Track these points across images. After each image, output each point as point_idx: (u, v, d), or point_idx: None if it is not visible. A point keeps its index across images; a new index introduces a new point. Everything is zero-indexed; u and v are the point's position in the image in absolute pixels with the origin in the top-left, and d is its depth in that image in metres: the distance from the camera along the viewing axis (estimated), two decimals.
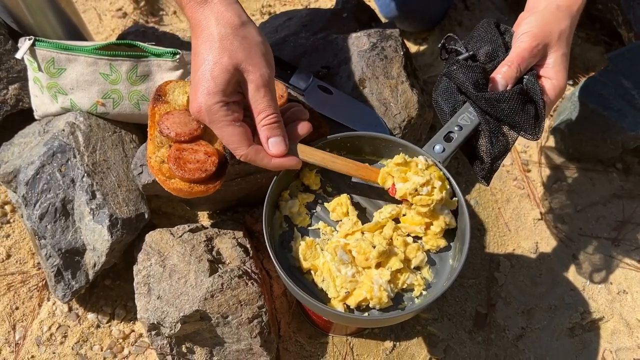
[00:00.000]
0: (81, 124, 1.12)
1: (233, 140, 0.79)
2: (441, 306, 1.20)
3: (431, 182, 0.84)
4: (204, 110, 0.77)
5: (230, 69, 0.76)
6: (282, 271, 0.79)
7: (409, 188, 0.83)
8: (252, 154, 0.80)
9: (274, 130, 0.80)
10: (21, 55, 1.09)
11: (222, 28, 0.76)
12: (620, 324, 1.20)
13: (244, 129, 0.79)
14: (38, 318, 1.13)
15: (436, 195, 0.84)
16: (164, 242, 1.05)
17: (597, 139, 1.33)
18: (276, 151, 0.81)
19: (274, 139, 0.80)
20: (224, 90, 0.76)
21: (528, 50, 0.86)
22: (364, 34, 1.21)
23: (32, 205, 1.05)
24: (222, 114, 0.77)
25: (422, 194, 0.83)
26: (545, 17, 0.89)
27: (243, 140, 0.79)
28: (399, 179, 0.85)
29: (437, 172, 0.85)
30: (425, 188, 0.83)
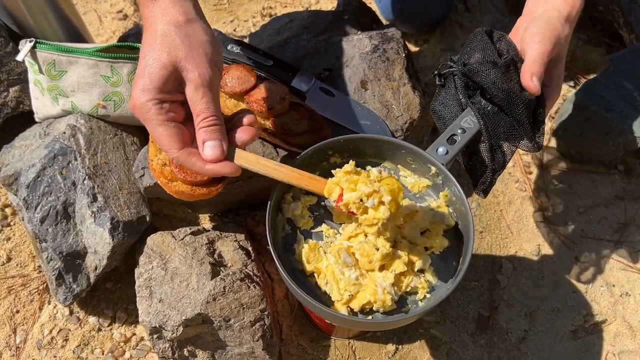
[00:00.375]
0: (82, 126, 1.12)
1: (163, 142, 0.74)
2: (443, 309, 1.19)
3: (379, 194, 0.77)
4: (137, 107, 0.73)
5: (168, 66, 0.72)
6: (285, 274, 0.79)
7: (353, 198, 0.77)
8: (183, 157, 0.75)
9: (211, 133, 0.75)
10: (22, 58, 1.08)
11: (166, 25, 0.73)
12: (623, 327, 1.20)
13: (178, 130, 0.75)
14: (39, 321, 1.12)
15: (382, 213, 0.77)
16: (166, 245, 1.04)
17: (599, 141, 1.32)
18: (211, 156, 0.75)
19: (210, 143, 0.75)
20: (160, 87, 0.72)
21: (547, 53, 0.85)
22: (365, 36, 1.21)
23: (33, 208, 1.05)
24: (154, 112, 0.73)
25: (368, 206, 0.77)
26: (552, 22, 0.88)
27: (174, 142, 0.74)
28: (348, 189, 0.78)
29: (390, 187, 0.78)
30: (371, 200, 0.77)
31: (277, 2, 1.66)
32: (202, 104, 0.74)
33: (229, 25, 1.60)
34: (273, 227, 0.88)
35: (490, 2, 1.69)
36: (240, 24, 1.61)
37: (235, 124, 0.80)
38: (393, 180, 0.79)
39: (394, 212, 0.78)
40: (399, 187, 0.79)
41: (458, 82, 0.91)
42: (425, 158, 0.88)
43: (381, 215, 0.77)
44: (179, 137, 0.75)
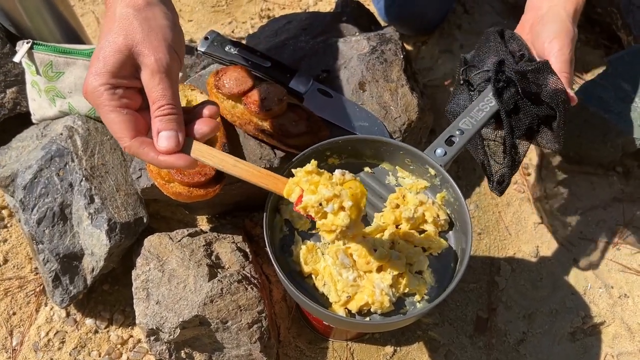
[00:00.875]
0: (79, 127, 1.12)
1: (114, 129, 0.69)
2: (442, 311, 1.19)
3: (340, 199, 0.71)
4: (88, 92, 0.69)
5: (123, 50, 0.68)
6: (283, 275, 0.79)
7: (312, 201, 0.71)
8: (135, 147, 0.70)
9: (166, 123, 0.70)
10: (19, 59, 1.08)
11: (124, 7, 0.69)
12: (621, 328, 1.19)
13: (132, 117, 0.70)
14: (35, 323, 1.12)
15: (342, 220, 0.71)
16: (163, 247, 1.04)
17: (597, 142, 1.32)
18: (165, 147, 0.70)
19: (165, 133, 0.70)
20: (113, 72, 0.68)
21: (569, 61, 0.88)
22: (363, 37, 1.21)
23: (30, 209, 1.05)
24: (106, 98, 0.68)
25: (327, 211, 0.71)
26: (566, 25, 0.89)
27: (126, 130, 0.69)
28: (309, 191, 0.73)
29: (353, 191, 0.72)
30: (331, 205, 0.71)
31: (275, 3, 1.66)
32: (158, 90, 0.70)
33: (227, 27, 1.60)
34: (271, 228, 0.87)
35: (489, 4, 1.69)
36: (238, 26, 1.61)
37: (196, 115, 0.75)
38: (356, 184, 0.74)
39: (355, 219, 0.72)
40: (362, 192, 0.74)
41: (484, 85, 0.91)
42: (423, 159, 0.88)
43: (340, 222, 0.71)
44: (132, 124, 0.70)
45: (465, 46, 1.60)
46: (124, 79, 0.69)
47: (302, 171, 0.74)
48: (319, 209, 0.71)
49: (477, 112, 0.92)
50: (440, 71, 1.56)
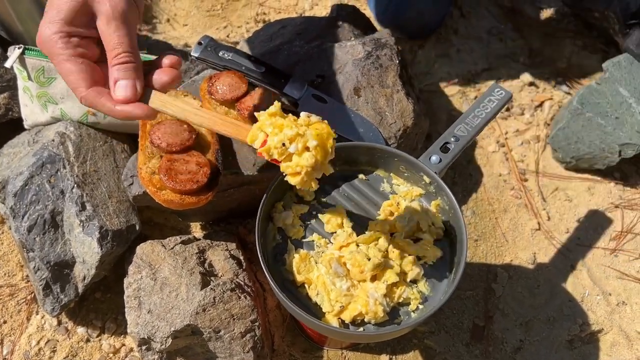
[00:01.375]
0: (71, 133, 1.10)
1: (70, 79, 0.68)
2: (438, 319, 1.18)
3: (304, 138, 0.69)
4: (43, 41, 0.67)
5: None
6: (275, 285, 0.77)
7: (274, 142, 0.68)
8: (91, 97, 0.68)
9: (124, 71, 0.68)
10: (10, 64, 1.07)
11: None
12: (619, 336, 1.18)
13: (88, 67, 0.69)
14: (26, 332, 1.10)
15: (307, 160, 0.68)
16: (155, 254, 1.03)
17: (595, 148, 1.31)
18: (121, 96, 0.68)
19: (122, 82, 0.68)
20: (67, 19, 0.66)
21: None
22: (359, 42, 1.20)
23: (21, 217, 1.03)
24: (60, 46, 0.66)
25: (291, 152, 0.69)
26: None
27: (82, 80, 0.68)
28: (273, 134, 0.70)
29: (318, 131, 0.69)
30: (294, 145, 0.68)
31: (271, 8, 1.65)
32: (114, 38, 0.68)
33: (222, 31, 1.59)
34: (263, 237, 0.86)
35: (486, 9, 1.68)
36: (233, 30, 1.60)
37: (156, 65, 0.73)
38: (323, 125, 0.71)
39: (321, 160, 0.69)
40: (329, 133, 0.71)
41: None
42: (418, 167, 0.87)
43: (305, 162, 0.68)
44: (88, 74, 0.68)
45: (462, 50, 1.59)
46: (80, 27, 0.68)
47: (265, 114, 0.71)
48: (283, 150, 0.69)
49: (472, 118, 0.92)
50: (436, 76, 1.55)
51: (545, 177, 1.39)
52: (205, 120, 0.73)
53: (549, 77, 1.55)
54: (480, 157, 1.41)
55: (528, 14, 1.63)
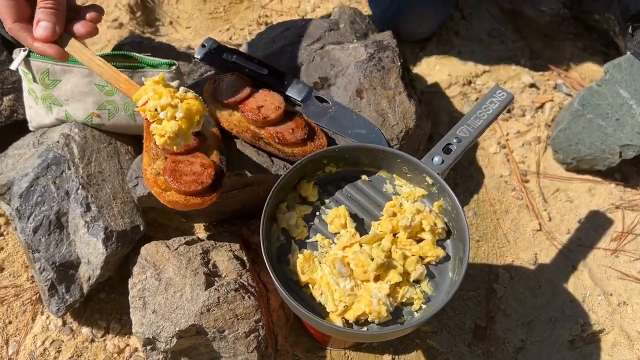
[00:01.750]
0: (76, 135, 1.11)
1: (0, 13, 0.79)
2: (440, 319, 1.18)
3: (174, 109, 0.82)
4: None
5: None
6: (280, 286, 0.78)
7: (149, 105, 0.82)
8: (16, 30, 0.80)
9: (47, 15, 0.80)
10: (16, 67, 1.08)
11: None
12: (620, 336, 1.19)
13: (17, 3, 0.79)
14: (31, 332, 1.11)
15: (170, 127, 0.82)
16: (160, 255, 1.03)
17: (596, 149, 1.32)
18: (40, 35, 0.80)
19: (43, 23, 0.80)
20: None
21: None
22: (361, 44, 1.21)
23: (26, 218, 1.04)
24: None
25: (161, 117, 0.82)
26: None
27: (9, 13, 0.79)
28: (152, 99, 0.83)
29: (189, 106, 0.82)
30: (164, 112, 0.82)
31: (273, 10, 1.66)
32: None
33: (225, 34, 1.60)
34: (267, 237, 0.87)
35: (487, 10, 1.69)
36: (236, 33, 1.61)
37: (81, 16, 0.84)
38: (196, 102, 0.83)
39: (184, 129, 0.83)
40: (198, 110, 0.84)
41: None
42: (421, 168, 0.88)
43: (168, 128, 0.82)
44: (15, 9, 0.79)
45: (463, 52, 1.60)
46: None
47: (150, 80, 0.83)
48: (155, 114, 0.82)
49: (474, 119, 0.92)
50: (438, 77, 1.56)
51: (546, 178, 1.40)
52: (103, 72, 0.85)
53: (549, 78, 1.56)
54: (481, 159, 1.42)
55: (528, 15, 1.64)
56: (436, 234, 0.89)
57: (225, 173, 0.96)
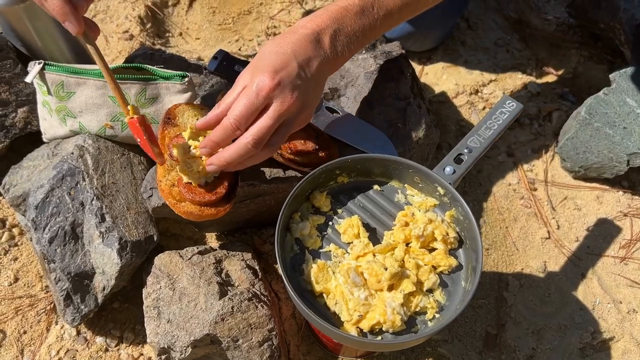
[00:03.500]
0: (90, 146, 1.13)
1: None
2: (451, 327, 1.19)
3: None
4: None
5: None
6: (295, 296, 0.79)
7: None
8: None
9: None
10: (31, 79, 1.09)
11: None
12: (631, 344, 1.19)
13: None
14: (46, 342, 1.12)
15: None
16: (173, 265, 1.05)
17: (603, 157, 1.33)
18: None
19: None
20: None
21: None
22: (370, 55, 1.22)
23: (42, 229, 1.05)
24: None
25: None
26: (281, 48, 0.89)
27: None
28: None
29: None
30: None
31: (281, 21, 1.68)
32: None
33: (234, 45, 1.62)
34: (281, 248, 0.88)
35: (493, 20, 1.70)
36: (245, 43, 1.63)
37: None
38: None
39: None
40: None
41: None
42: (432, 178, 0.89)
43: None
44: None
45: (469, 62, 1.62)
46: None
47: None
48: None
49: (485, 130, 0.93)
50: (445, 87, 1.57)
51: (554, 187, 1.41)
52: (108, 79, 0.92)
53: (555, 87, 1.57)
54: (489, 167, 1.43)
55: (534, 25, 1.65)
56: (448, 244, 0.90)
57: (238, 183, 0.98)
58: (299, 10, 1.70)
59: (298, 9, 1.70)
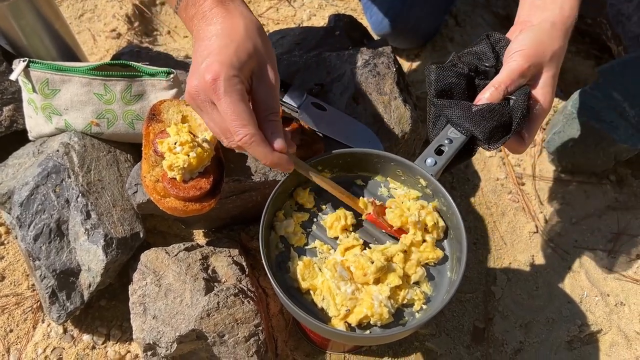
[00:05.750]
0: (75, 144, 1.12)
1: (243, 117, 0.75)
2: (439, 321, 1.19)
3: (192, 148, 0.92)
4: (221, 80, 0.74)
5: (252, 54, 0.77)
6: (283, 294, 0.79)
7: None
8: (258, 138, 0.76)
9: (277, 126, 0.79)
10: (15, 77, 1.09)
11: (250, 22, 0.79)
12: (618, 336, 1.20)
13: (252, 109, 0.78)
14: (32, 340, 1.12)
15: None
16: (159, 261, 1.04)
17: (590, 152, 1.34)
18: (279, 146, 0.79)
19: (277, 134, 0.79)
20: (242, 69, 0.76)
21: (518, 71, 0.85)
22: (356, 51, 1.22)
23: (27, 226, 1.05)
24: (239, 88, 0.75)
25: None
26: (540, 36, 0.87)
27: (253, 119, 0.76)
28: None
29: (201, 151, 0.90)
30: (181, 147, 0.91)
31: (270, 19, 1.68)
32: (272, 103, 0.80)
33: None
34: (266, 246, 0.88)
35: (481, 17, 1.71)
36: None
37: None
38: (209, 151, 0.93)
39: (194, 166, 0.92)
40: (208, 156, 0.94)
41: (432, 76, 0.91)
42: (414, 170, 0.89)
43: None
44: (254, 115, 0.77)
45: None
46: (245, 79, 0.77)
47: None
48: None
49: None
50: None
51: (542, 181, 1.41)
52: (328, 187, 0.89)
53: None
54: (477, 162, 1.43)
55: None
56: (438, 234, 0.90)
57: (223, 179, 0.97)
58: (287, 7, 1.70)
59: (286, 6, 1.71)
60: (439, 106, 0.88)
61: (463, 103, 0.87)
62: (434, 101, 0.88)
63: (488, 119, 0.85)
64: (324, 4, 1.71)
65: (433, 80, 0.88)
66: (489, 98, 0.85)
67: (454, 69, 0.89)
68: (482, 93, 0.87)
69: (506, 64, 0.87)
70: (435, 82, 0.88)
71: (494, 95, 0.85)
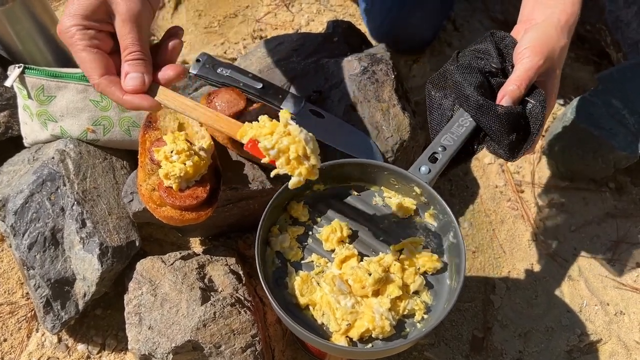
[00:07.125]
0: (71, 151, 1.11)
1: (85, 67, 0.76)
2: (438, 331, 1.18)
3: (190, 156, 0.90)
4: (62, 32, 0.75)
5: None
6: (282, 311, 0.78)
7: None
8: (104, 84, 0.76)
9: (134, 66, 0.77)
10: (10, 83, 1.08)
11: None
12: (618, 346, 1.19)
13: (102, 57, 0.76)
14: (27, 350, 1.10)
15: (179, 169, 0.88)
16: (155, 270, 1.03)
17: (589, 159, 1.33)
18: (131, 86, 0.77)
19: (132, 74, 0.77)
20: (86, 15, 0.74)
21: (535, 68, 0.84)
22: (354, 57, 1.21)
23: (21, 234, 1.04)
24: (78, 37, 0.74)
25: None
26: (548, 31, 0.87)
27: (96, 68, 0.76)
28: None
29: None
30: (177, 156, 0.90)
31: (268, 24, 1.67)
32: (128, 38, 0.76)
33: (219, 48, 1.61)
34: (263, 263, 0.86)
35: (479, 22, 1.70)
36: (230, 47, 1.62)
37: (163, 55, 0.81)
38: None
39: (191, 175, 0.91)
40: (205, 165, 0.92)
41: (458, 77, 0.90)
42: (408, 178, 0.88)
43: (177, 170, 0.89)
44: (102, 63, 0.76)
45: None
46: (96, 22, 0.75)
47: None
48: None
49: (457, 127, 0.91)
50: None
51: (541, 188, 1.40)
52: (200, 114, 0.81)
53: None
54: (476, 169, 1.42)
55: None
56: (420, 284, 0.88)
57: (220, 187, 0.96)
58: (286, 13, 1.69)
59: (284, 11, 1.70)
60: (473, 103, 0.86)
61: (490, 103, 0.85)
62: (473, 98, 0.86)
63: (513, 126, 0.84)
64: (322, 9, 1.71)
65: (459, 80, 0.87)
66: (511, 95, 0.85)
67: (472, 67, 0.88)
68: (503, 92, 0.86)
69: (519, 62, 0.86)
70: (463, 81, 0.87)
71: (514, 93, 0.85)
